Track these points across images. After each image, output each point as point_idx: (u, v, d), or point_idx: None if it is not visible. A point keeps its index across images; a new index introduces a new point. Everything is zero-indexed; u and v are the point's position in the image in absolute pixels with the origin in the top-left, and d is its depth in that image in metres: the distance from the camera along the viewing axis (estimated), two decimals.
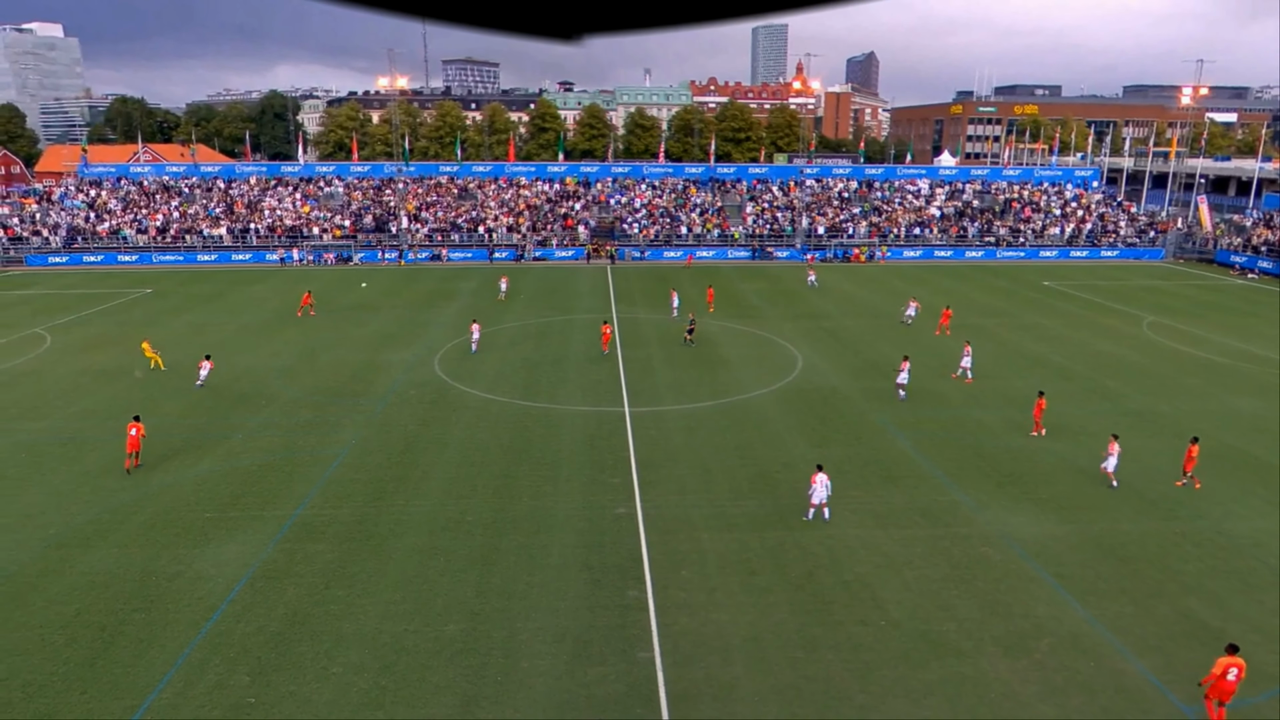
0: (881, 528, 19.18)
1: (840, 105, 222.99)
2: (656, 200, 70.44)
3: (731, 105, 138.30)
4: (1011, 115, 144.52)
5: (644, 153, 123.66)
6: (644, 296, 48.50)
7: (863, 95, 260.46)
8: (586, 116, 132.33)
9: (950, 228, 68.01)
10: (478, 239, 64.80)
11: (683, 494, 20.93)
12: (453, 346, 35.97)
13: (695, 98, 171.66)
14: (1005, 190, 74.67)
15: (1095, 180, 78.79)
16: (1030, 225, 68.65)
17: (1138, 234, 68.92)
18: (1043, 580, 16.97)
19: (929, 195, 73.44)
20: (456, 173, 73.48)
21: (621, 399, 28.65)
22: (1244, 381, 31.42)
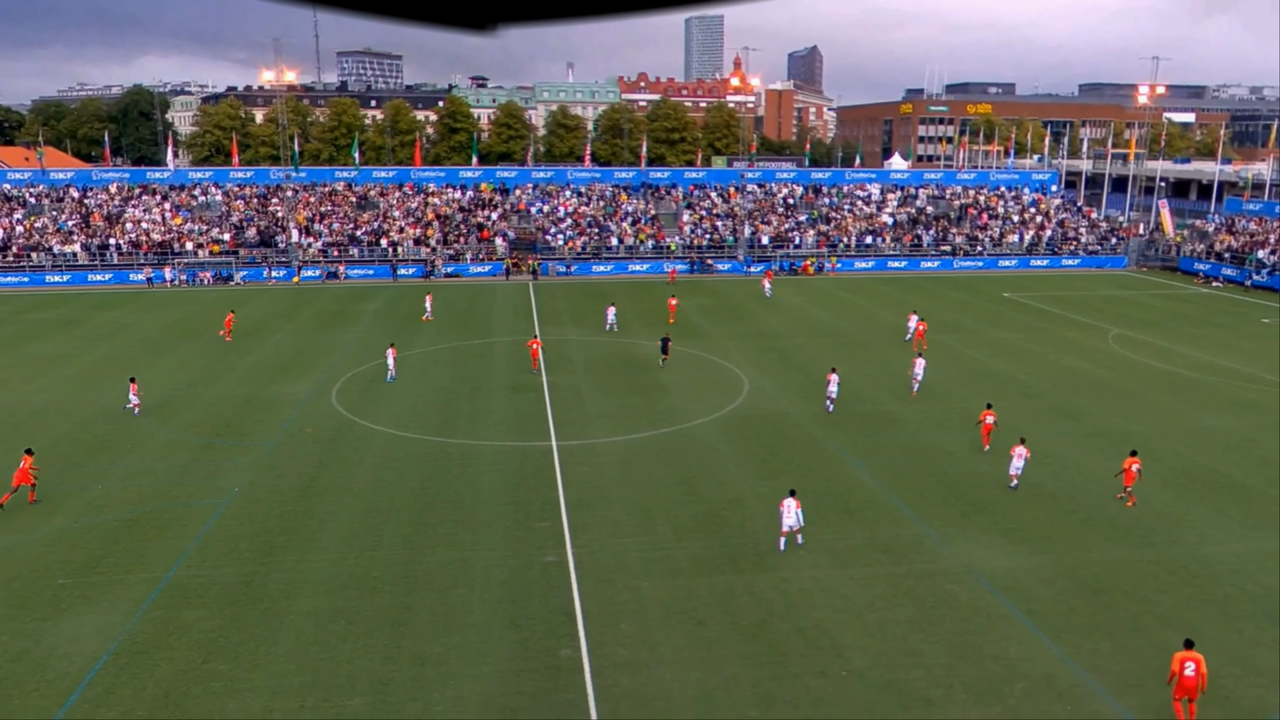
0: (840, 567, 19.44)
1: (782, 104, 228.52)
2: (583, 208, 70.73)
3: (664, 103, 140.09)
4: (964, 115, 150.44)
5: (568, 156, 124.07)
6: (572, 315, 48.48)
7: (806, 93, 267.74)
8: (503, 115, 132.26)
9: (904, 236, 70.11)
10: (380, 254, 63.90)
11: (619, 537, 20.86)
12: (354, 376, 35.25)
13: (624, 95, 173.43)
14: (960, 195, 77.47)
15: (1053, 184, 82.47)
16: (988, 233, 71.31)
17: (1099, 241, 72.29)
18: (1014, 618, 17.43)
19: (880, 201, 75.65)
20: (355, 179, 72.48)
21: (548, 432, 28.48)
22: (1214, 397, 33.08)
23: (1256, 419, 30.45)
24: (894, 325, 46.08)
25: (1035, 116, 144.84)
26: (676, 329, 44.34)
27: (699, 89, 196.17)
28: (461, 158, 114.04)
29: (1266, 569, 19.50)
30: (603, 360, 38.22)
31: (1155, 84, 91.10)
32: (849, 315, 49.00)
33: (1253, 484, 24.52)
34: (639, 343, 41.52)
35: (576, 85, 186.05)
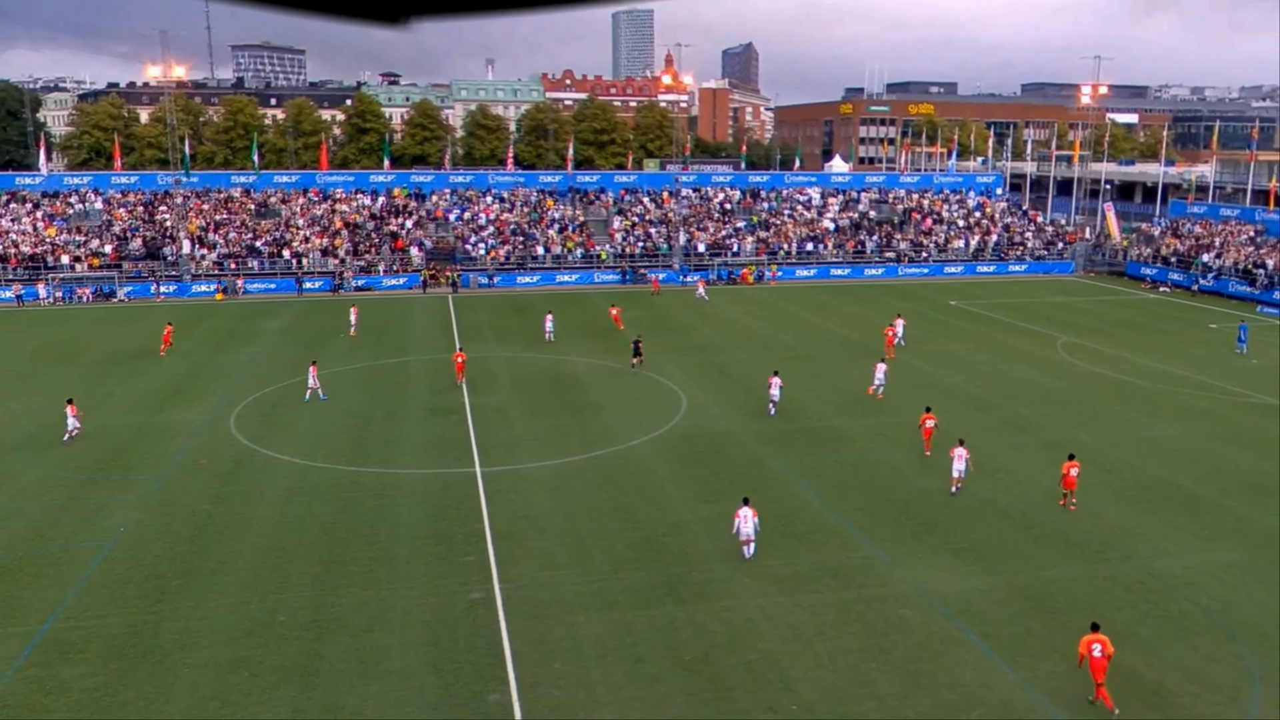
0: (787, 594, 19.63)
1: (717, 103, 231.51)
2: (506, 215, 70.48)
3: (592, 103, 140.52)
4: (906, 115, 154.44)
5: (489, 158, 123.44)
6: (496, 330, 48.19)
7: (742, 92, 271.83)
8: (417, 115, 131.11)
9: (847, 242, 71.55)
10: (283, 266, 62.59)
11: (551, 569, 20.72)
12: (256, 401, 34.38)
13: (549, 93, 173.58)
14: (904, 199, 79.46)
15: (998, 187, 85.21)
16: (933, 238, 73.23)
17: (1045, 246, 74.86)
18: (968, 642, 17.81)
19: (821, 206, 77.11)
20: (253, 184, 71.00)
21: (471, 457, 28.20)
22: (1163, 405, 34.46)
23: (1206, 427, 31.79)
24: (839, 337, 46.91)
25: (978, 117, 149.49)
26: (606, 343, 44.39)
27: (629, 87, 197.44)
28: (372, 161, 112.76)
29: (1221, 581, 20.32)
30: (530, 378, 38.03)
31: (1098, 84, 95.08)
32: (791, 327, 49.71)
33: (1205, 494, 25.56)
34: (569, 358, 41.44)
35: (497, 83, 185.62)
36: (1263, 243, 63.89)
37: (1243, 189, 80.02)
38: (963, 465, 25.09)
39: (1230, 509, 24.46)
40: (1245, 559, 21.51)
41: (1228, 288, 61.43)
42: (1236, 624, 18.52)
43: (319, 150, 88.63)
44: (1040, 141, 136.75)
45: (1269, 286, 58.62)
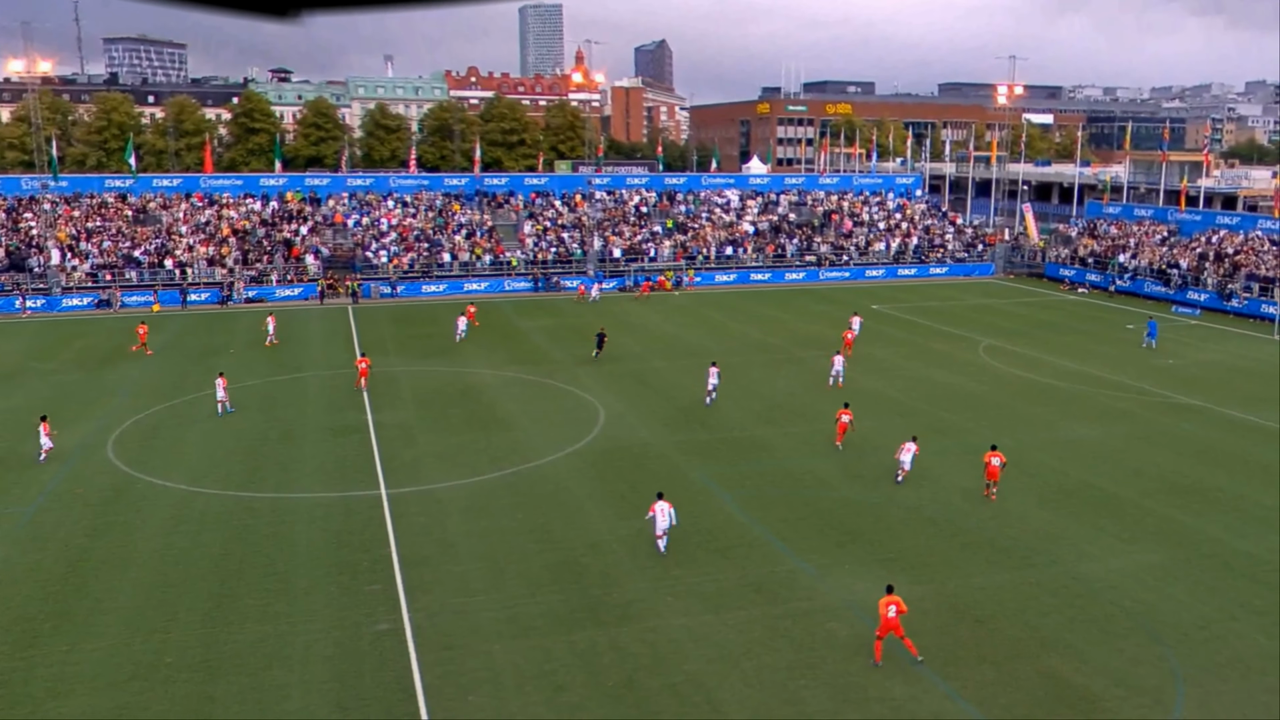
0: (712, 612, 19.77)
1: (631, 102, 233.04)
2: (409, 220, 69.60)
3: (499, 101, 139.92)
4: (824, 115, 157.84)
5: (390, 160, 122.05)
6: (399, 343, 47.50)
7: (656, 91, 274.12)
8: (311, 114, 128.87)
9: (766, 246, 72.66)
10: (165, 277, 60.58)
11: (465, 595, 20.48)
12: (136, 424, 33.15)
13: (453, 91, 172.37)
14: (823, 201, 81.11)
15: (917, 188, 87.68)
16: (853, 241, 74.90)
17: (966, 248, 77.26)
18: (898, 654, 18.19)
19: (740, 208, 78.16)
20: (131, 188, 68.64)
21: (376, 479, 27.71)
22: (1083, 407, 35.85)
23: (1126, 428, 33.20)
24: (760, 343, 47.57)
25: (896, 117, 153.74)
26: (517, 354, 44.24)
27: (538, 86, 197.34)
28: (262, 163, 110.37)
29: (1144, 584, 21.21)
30: (437, 393, 37.58)
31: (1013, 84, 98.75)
32: (711, 333, 50.20)
33: (1126, 495, 26.67)
34: (477, 371, 41.10)
35: (397, 80, 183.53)
36: (1175, 243, 67.12)
37: (1155, 189, 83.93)
38: (909, 458, 26.98)
39: (1151, 510, 25.56)
40: (1166, 560, 22.50)
41: (1143, 288, 64.31)
42: (1159, 625, 19.35)
43: (203, 152, 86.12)
44: (958, 142, 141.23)
45: (1183, 286, 61.58)
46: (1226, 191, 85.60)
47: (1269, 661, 18.02)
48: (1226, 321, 54.33)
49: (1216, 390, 38.50)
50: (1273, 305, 54.57)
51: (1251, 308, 56.44)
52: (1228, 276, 59.89)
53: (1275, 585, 21.15)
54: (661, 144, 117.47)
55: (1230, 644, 18.67)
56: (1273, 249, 60.68)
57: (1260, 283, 57.68)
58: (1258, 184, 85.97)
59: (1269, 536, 23.89)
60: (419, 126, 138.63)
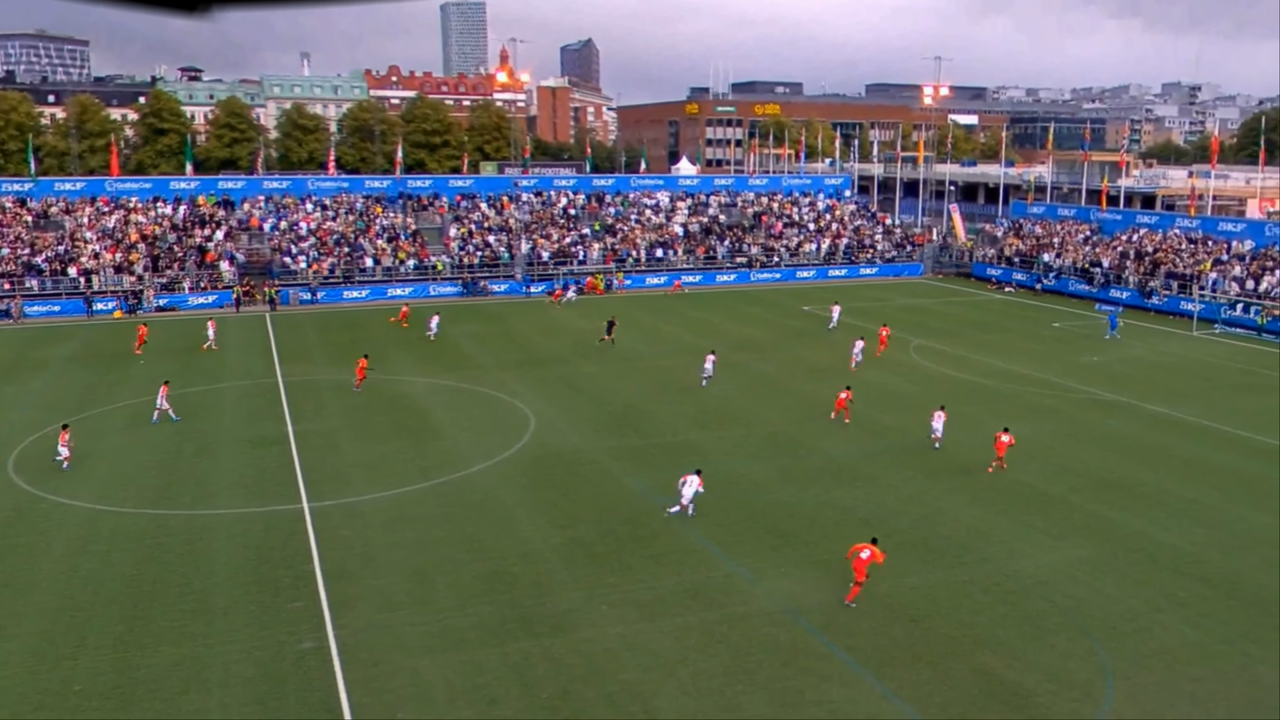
0: (648, 619, 19.81)
1: (557, 102, 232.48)
2: (329, 224, 68.47)
3: (422, 101, 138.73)
4: (752, 115, 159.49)
5: (308, 162, 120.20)
6: (322, 351, 46.70)
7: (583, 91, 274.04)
8: (224, 114, 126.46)
9: (697, 248, 73.11)
10: (69, 285, 58.61)
11: (392, 610, 20.19)
12: (40, 440, 31.99)
13: (373, 91, 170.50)
14: (753, 202, 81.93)
15: (846, 189, 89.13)
16: (784, 242, 75.81)
17: (895, 248, 78.76)
18: (834, 656, 18.45)
19: (670, 210, 78.52)
20: (30, 192, 66.36)
21: (298, 492, 27.19)
22: (1012, 405, 36.79)
23: (1053, 425, 34.15)
24: (691, 346, 47.77)
25: (824, 118, 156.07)
26: (445, 361, 43.84)
27: (461, 85, 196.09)
28: (172, 165, 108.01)
29: (1073, 578, 21.84)
30: (362, 401, 37.03)
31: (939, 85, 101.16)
32: (643, 336, 50.30)
33: (1054, 492, 27.44)
34: (404, 379, 40.61)
35: (314, 79, 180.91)
36: (1098, 241, 69.31)
37: (1078, 189, 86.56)
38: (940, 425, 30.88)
39: (1079, 506, 26.33)
40: (1094, 554, 23.19)
41: (1068, 286, 66.27)
42: (1089, 619, 19.93)
43: (108, 153, 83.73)
44: (886, 143, 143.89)
45: (1105, 284, 63.61)
46: (1145, 191, 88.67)
47: (1194, 652, 18.70)
48: (1148, 319, 56.22)
49: (1139, 386, 39.82)
50: (1191, 302, 56.69)
51: (1171, 305, 58.53)
52: (1148, 274, 62.04)
53: (1199, 577, 21.97)
54: (589, 145, 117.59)
55: (1157, 636, 19.32)
56: (1190, 247, 63.03)
57: (1179, 280, 59.85)
58: (1175, 184, 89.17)
59: (1192, 529, 24.80)
60: (338, 127, 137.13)
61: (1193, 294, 57.37)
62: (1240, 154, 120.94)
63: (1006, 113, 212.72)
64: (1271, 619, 20.01)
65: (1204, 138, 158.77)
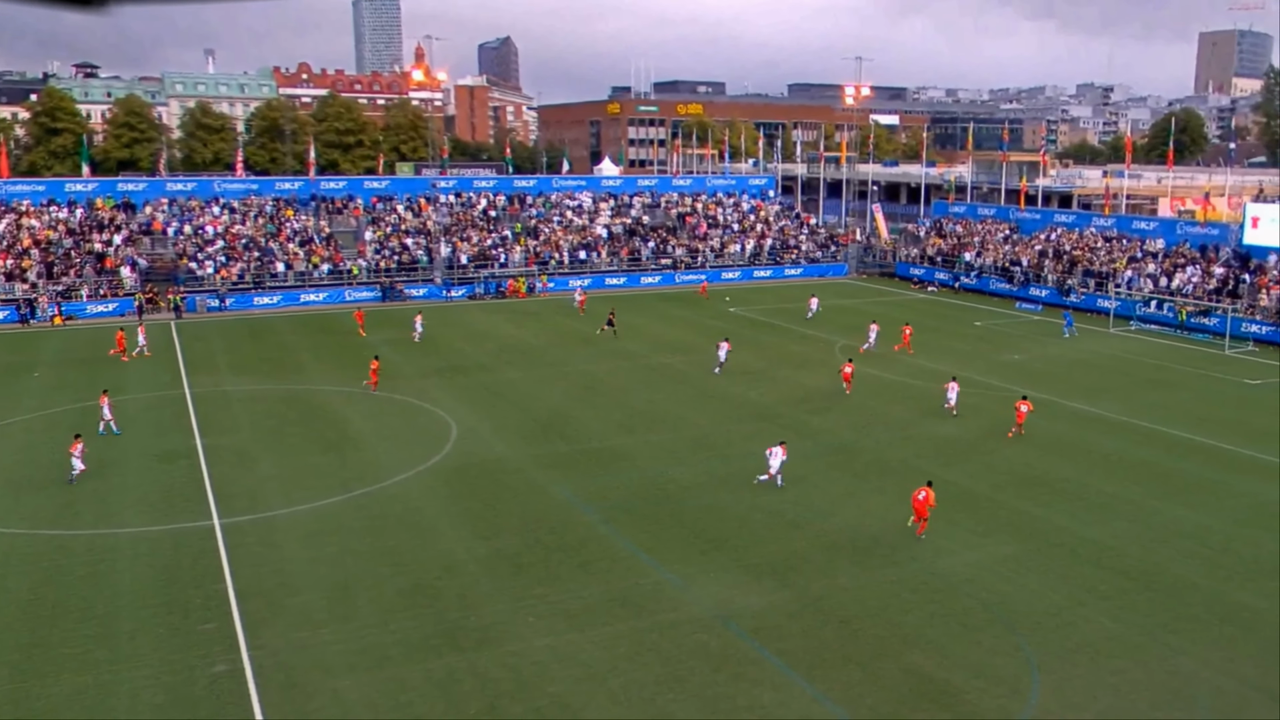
0: (577, 630, 19.77)
1: (475, 102, 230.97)
2: (238, 228, 66.95)
3: (334, 100, 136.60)
4: (675, 115, 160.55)
5: (214, 163, 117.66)
6: (231, 360, 45.61)
7: (502, 90, 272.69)
8: (123, 113, 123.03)
9: (621, 250, 73.25)
10: None
11: (310, 628, 19.81)
12: None
13: (282, 89, 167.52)
14: (677, 203, 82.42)
15: (770, 189, 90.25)
16: (709, 243, 76.41)
17: (819, 249, 79.96)
18: (765, 661, 18.64)
19: (593, 211, 78.55)
20: None
21: (208, 508, 26.50)
22: (937, 403, 37.57)
23: (977, 423, 35.02)
24: (617, 349, 47.89)
25: (747, 118, 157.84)
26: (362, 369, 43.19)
27: (376, 84, 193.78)
28: (67, 167, 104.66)
29: (999, 575, 22.43)
30: (275, 412, 36.28)
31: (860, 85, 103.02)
32: (567, 341, 50.21)
33: (979, 490, 28.14)
34: (319, 388, 39.90)
35: (220, 77, 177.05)
36: (1017, 240, 71.31)
37: (998, 189, 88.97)
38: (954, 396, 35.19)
39: (1003, 503, 27.05)
40: (1019, 551, 23.85)
41: (989, 285, 68.05)
42: (1014, 616, 20.48)
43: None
44: (809, 143, 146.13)
45: (1025, 283, 65.47)
46: (1062, 190, 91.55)
47: (1115, 644, 19.35)
48: (1063, 318, 57.88)
49: (1059, 383, 41.07)
50: (1108, 299, 58.69)
51: (1088, 302, 60.49)
52: (1066, 272, 64.03)
53: (1119, 570, 22.75)
54: (509, 145, 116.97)
55: (1080, 629, 19.95)
56: (1105, 245, 65.24)
57: (1095, 278, 61.90)
58: (1090, 183, 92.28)
59: (1112, 523, 25.67)
60: (246, 127, 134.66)
61: (1109, 291, 59.39)
62: (1152, 154, 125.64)
63: (927, 113, 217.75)
64: (1189, 609, 20.83)
65: (1117, 138, 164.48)
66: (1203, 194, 74.26)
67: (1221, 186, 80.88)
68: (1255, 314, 52.51)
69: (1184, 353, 48.73)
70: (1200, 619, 20.43)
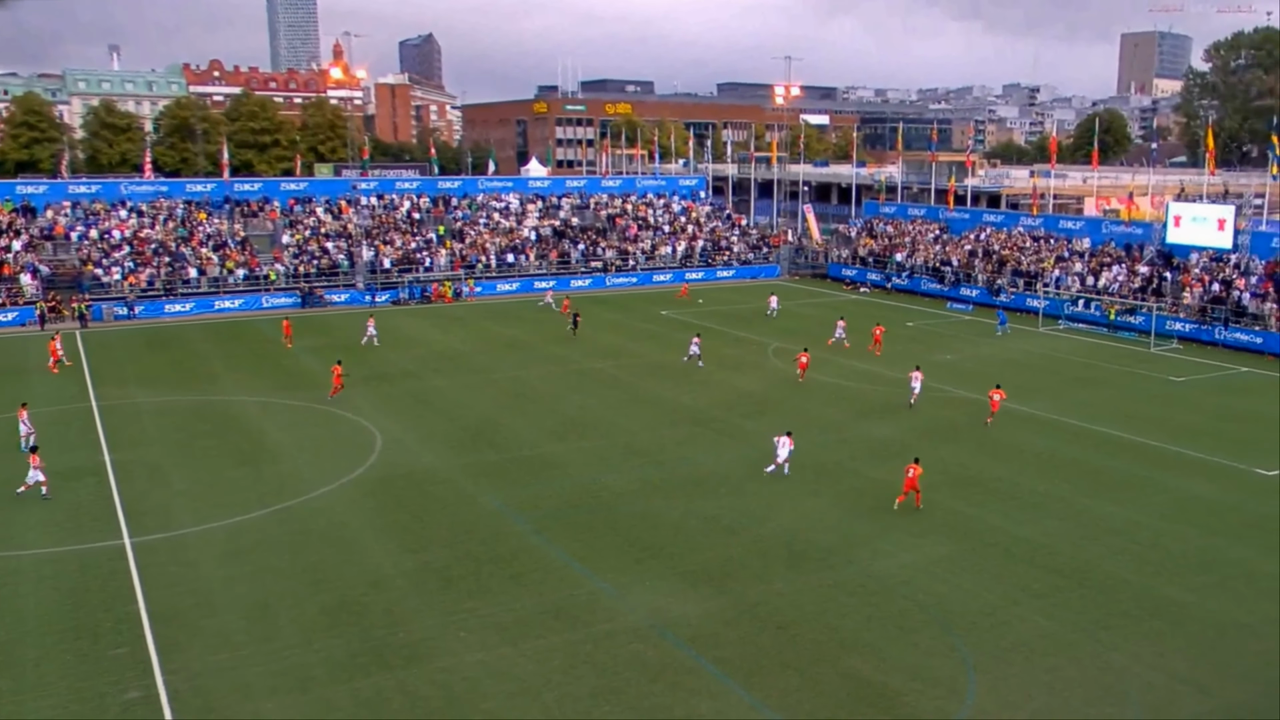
0: (510, 643, 19.63)
1: (397, 100, 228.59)
2: (147, 232, 65.30)
3: (248, 98, 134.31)
4: (603, 115, 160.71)
5: (121, 164, 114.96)
6: (141, 371, 44.45)
7: (425, 89, 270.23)
8: (20, 112, 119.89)
9: (550, 252, 73.04)
10: None
11: (229, 650, 19.35)
12: None
13: (193, 87, 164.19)
14: (607, 204, 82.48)
15: (701, 190, 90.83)
16: (640, 245, 76.60)
17: (751, 250, 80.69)
18: (702, 669, 18.70)
19: (520, 213, 78.23)
20: None
21: (117, 527, 25.76)
22: (871, 405, 38.21)
23: (909, 423, 35.64)
24: (547, 355, 47.73)
25: (676, 117, 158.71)
26: (280, 377, 42.45)
27: (292, 81, 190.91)
28: None
29: (934, 576, 22.82)
30: (188, 425, 35.43)
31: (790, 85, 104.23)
32: (494, 347, 49.90)
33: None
34: (235, 399, 39.06)
35: (126, 74, 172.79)
36: (947, 240, 72.79)
37: (927, 189, 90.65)
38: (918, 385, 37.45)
39: (938, 504, 27.53)
40: (954, 551, 24.31)
41: (920, 285, 69.35)
42: (950, 616, 20.87)
43: None
44: (740, 143, 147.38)
45: (956, 283, 66.85)
46: (991, 190, 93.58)
47: (1049, 642, 19.82)
48: (996, 316, 59.18)
49: (990, 383, 41.79)
50: (1036, 299, 60.19)
51: (1018, 301, 61.96)
52: (996, 272, 65.52)
53: (1051, 568, 23.32)
54: (433, 145, 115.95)
55: (1014, 628, 20.40)
56: (1034, 245, 66.91)
57: (1024, 278, 63.44)
58: (1018, 183, 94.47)
59: (1044, 521, 26.31)
60: (154, 126, 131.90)
61: (1038, 291, 60.91)
62: (1077, 154, 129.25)
63: (857, 113, 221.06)
64: (1119, 605, 21.43)
65: (1043, 138, 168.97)
66: (1127, 193, 76.58)
67: (1145, 186, 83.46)
68: (1179, 312, 54.31)
69: (1111, 351, 50.21)
70: (1130, 614, 21.03)
